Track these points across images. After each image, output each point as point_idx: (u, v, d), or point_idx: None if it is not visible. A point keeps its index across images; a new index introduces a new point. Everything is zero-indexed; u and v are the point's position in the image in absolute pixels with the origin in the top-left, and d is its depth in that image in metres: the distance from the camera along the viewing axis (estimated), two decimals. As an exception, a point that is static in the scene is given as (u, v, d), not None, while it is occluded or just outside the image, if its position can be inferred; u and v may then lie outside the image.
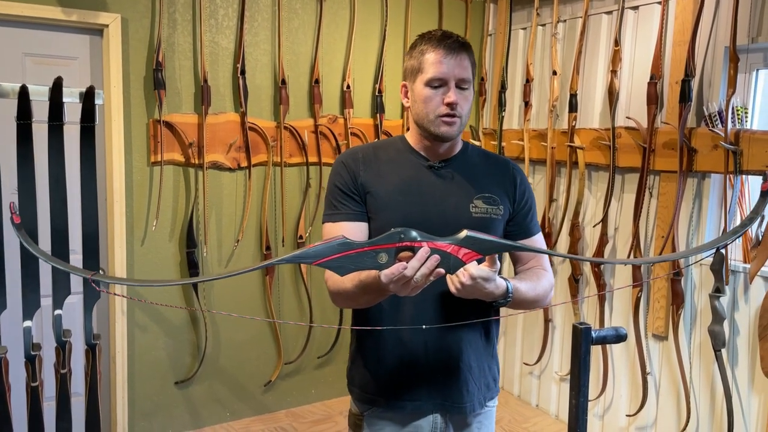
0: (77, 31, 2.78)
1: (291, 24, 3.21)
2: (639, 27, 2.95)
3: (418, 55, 1.45)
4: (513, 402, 3.64)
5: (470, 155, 1.54)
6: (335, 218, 1.46)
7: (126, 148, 2.86)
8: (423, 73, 1.43)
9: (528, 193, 1.55)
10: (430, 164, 1.48)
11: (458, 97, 1.41)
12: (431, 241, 1.15)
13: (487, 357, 1.55)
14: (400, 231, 1.14)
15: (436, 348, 1.47)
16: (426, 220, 1.41)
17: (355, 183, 1.46)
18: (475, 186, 1.48)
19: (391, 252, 1.14)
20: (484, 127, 3.83)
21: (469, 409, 1.51)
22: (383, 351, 1.49)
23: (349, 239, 1.13)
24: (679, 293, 2.74)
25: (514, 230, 1.53)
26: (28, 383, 1.96)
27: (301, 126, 3.26)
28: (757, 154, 2.42)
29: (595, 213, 3.18)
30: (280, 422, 3.30)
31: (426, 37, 1.46)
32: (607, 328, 1.13)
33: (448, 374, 1.48)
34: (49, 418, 2.04)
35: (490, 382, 1.56)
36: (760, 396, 2.52)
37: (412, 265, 1.13)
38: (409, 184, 1.46)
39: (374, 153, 1.52)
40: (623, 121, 2.97)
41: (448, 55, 1.41)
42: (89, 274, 1.08)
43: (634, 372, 3.02)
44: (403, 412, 1.49)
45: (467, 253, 1.16)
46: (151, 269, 2.98)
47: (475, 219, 1.45)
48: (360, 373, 1.54)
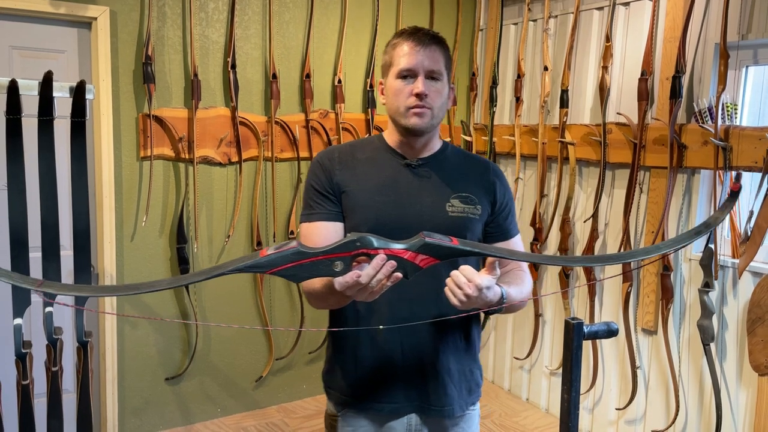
0: (65, 24, 2.75)
1: (282, 18, 3.20)
2: (630, 23, 2.96)
3: (390, 50, 1.45)
4: (503, 396, 3.66)
5: (449, 155, 1.52)
6: (312, 218, 1.45)
7: (115, 142, 2.84)
8: (394, 66, 1.42)
9: (508, 195, 1.54)
10: (407, 162, 1.47)
11: (428, 89, 1.39)
12: (388, 248, 1.13)
13: (469, 361, 1.52)
14: (357, 239, 1.12)
15: (412, 349, 1.45)
16: (402, 219, 1.40)
17: (330, 182, 1.45)
18: (452, 185, 1.46)
19: (346, 259, 1.11)
20: (476, 122, 3.83)
21: (448, 412, 1.48)
22: (359, 353, 1.47)
23: (303, 248, 1.09)
24: (669, 288, 2.76)
25: (493, 232, 1.51)
26: (18, 381, 1.95)
27: (292, 121, 3.25)
28: (747, 151, 2.44)
29: (586, 208, 3.19)
30: (271, 418, 3.30)
31: (399, 32, 1.46)
32: (598, 323, 1.13)
33: (425, 376, 1.46)
34: (40, 415, 2.03)
35: (473, 387, 1.54)
36: (748, 390, 2.55)
37: (367, 273, 1.11)
38: (386, 183, 1.44)
39: (351, 152, 1.50)
40: (614, 117, 2.98)
41: (418, 46, 1.39)
42: (35, 284, 1.01)
43: (624, 366, 3.04)
44: (380, 414, 1.47)
45: (424, 259, 1.14)
46: (141, 265, 2.96)
47: (451, 218, 1.43)
48: (336, 376, 1.52)
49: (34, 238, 1.96)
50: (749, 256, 2.42)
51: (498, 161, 3.70)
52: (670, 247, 1.24)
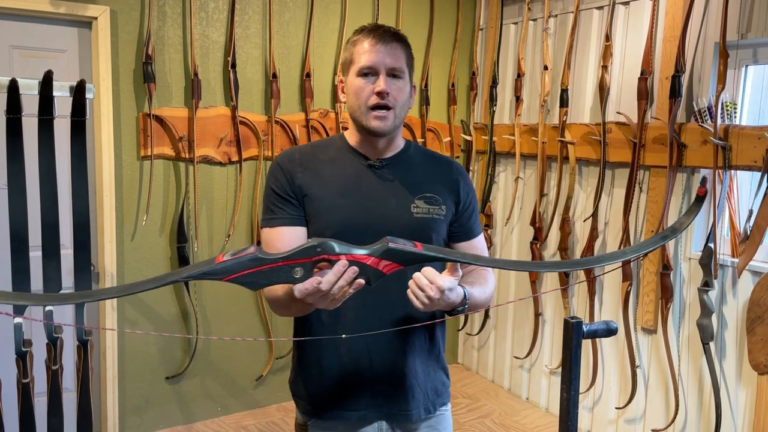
0: (66, 24, 2.75)
1: (282, 17, 3.20)
2: (630, 22, 2.96)
3: (350, 47, 1.41)
4: (503, 395, 3.66)
5: (412, 154, 1.49)
6: (273, 223, 1.40)
7: (115, 142, 2.84)
8: (355, 64, 1.38)
9: (471, 195, 1.52)
10: (370, 163, 1.44)
11: (390, 87, 1.36)
12: (350, 253, 1.09)
13: (433, 362, 1.50)
14: (317, 244, 1.07)
15: (379, 355, 1.42)
16: (367, 222, 1.37)
17: (291, 186, 1.40)
18: (416, 186, 1.44)
19: (307, 266, 1.07)
20: (476, 121, 3.84)
21: (415, 416, 1.46)
22: (324, 361, 1.44)
23: (261, 254, 1.05)
24: (668, 287, 2.76)
25: (457, 231, 1.50)
26: (19, 379, 1.95)
27: (292, 120, 3.25)
28: (746, 150, 2.44)
29: (586, 208, 3.19)
30: (271, 417, 3.30)
31: (360, 29, 1.42)
32: (598, 323, 1.13)
33: (393, 381, 1.44)
34: (41, 414, 2.03)
35: (439, 387, 1.52)
36: (748, 389, 2.55)
37: (328, 279, 1.07)
38: (349, 185, 1.41)
39: (313, 153, 1.46)
40: (614, 117, 2.99)
41: (379, 44, 1.36)
42: None
43: (624, 365, 3.04)
44: (348, 422, 1.45)
45: (388, 265, 1.10)
46: (141, 265, 2.97)
47: (416, 219, 1.41)
48: (303, 384, 1.49)
49: (34, 237, 1.96)
50: (749, 255, 2.42)
51: (498, 160, 3.71)
52: (636, 252, 1.22)
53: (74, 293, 1.12)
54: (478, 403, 3.56)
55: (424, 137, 3.67)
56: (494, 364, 3.82)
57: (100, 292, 1.04)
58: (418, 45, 3.64)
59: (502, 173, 3.72)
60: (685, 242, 2.77)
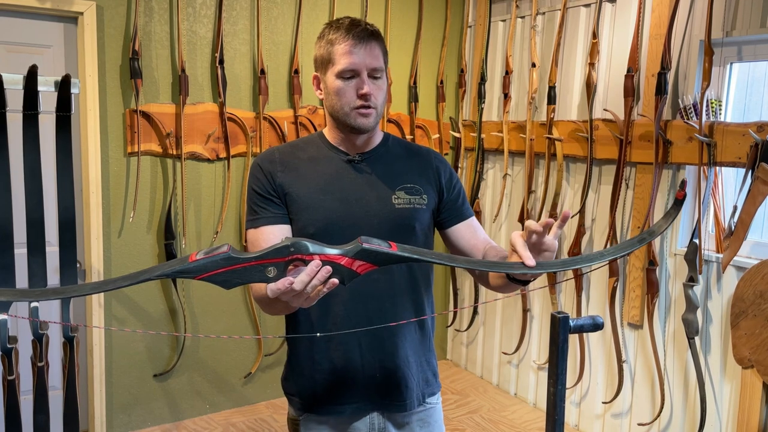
0: (51, 19, 2.72)
1: (270, 13, 3.19)
2: (616, 20, 2.98)
3: (327, 45, 1.39)
4: (492, 391, 3.68)
5: (391, 147, 1.51)
6: (257, 224, 1.40)
7: (102, 138, 2.82)
8: (334, 65, 1.38)
9: (455, 179, 1.53)
10: (349, 158, 1.45)
11: (372, 88, 1.37)
12: (323, 253, 1.08)
13: (425, 350, 1.52)
14: (291, 244, 1.07)
15: (370, 346, 1.43)
16: (349, 217, 1.38)
17: (272, 185, 1.41)
18: (396, 177, 1.45)
19: (280, 265, 1.07)
20: (464, 119, 3.85)
21: (409, 405, 1.47)
22: (316, 356, 1.45)
23: (235, 253, 1.05)
24: (654, 282, 2.79)
25: (447, 216, 1.51)
26: (4, 376, 1.94)
27: (281, 117, 3.24)
28: (731, 146, 2.47)
29: (573, 204, 3.21)
30: (260, 414, 3.30)
31: (333, 26, 1.40)
32: (584, 317, 1.14)
33: (386, 372, 1.44)
34: (26, 411, 2.02)
35: (430, 377, 1.53)
36: (732, 383, 2.58)
37: (301, 279, 1.06)
38: (330, 182, 1.42)
39: (292, 152, 1.47)
40: (601, 114, 3.01)
41: (358, 45, 1.36)
42: None
43: (610, 360, 3.07)
44: (341, 416, 1.45)
45: (362, 265, 1.10)
46: (128, 261, 2.95)
47: (398, 210, 1.42)
48: (295, 380, 1.49)
49: (19, 233, 1.95)
50: (733, 250, 2.45)
51: (486, 157, 3.72)
52: (613, 254, 1.23)
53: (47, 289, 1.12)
54: (466, 398, 3.58)
55: (413, 134, 3.68)
56: (483, 360, 3.84)
57: (73, 288, 1.03)
58: (407, 42, 3.64)
59: (490, 170, 3.73)
60: (670, 238, 2.79)
